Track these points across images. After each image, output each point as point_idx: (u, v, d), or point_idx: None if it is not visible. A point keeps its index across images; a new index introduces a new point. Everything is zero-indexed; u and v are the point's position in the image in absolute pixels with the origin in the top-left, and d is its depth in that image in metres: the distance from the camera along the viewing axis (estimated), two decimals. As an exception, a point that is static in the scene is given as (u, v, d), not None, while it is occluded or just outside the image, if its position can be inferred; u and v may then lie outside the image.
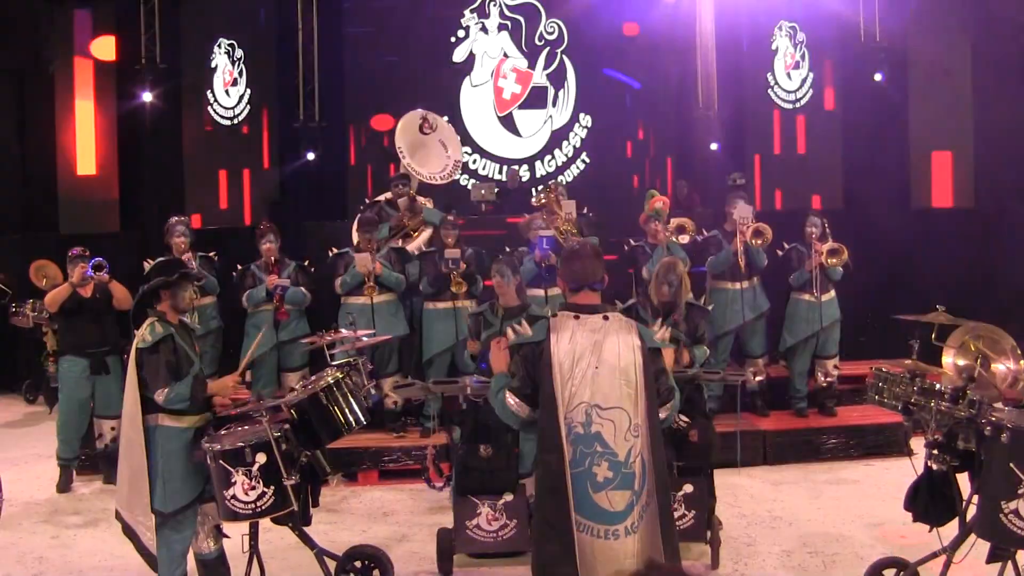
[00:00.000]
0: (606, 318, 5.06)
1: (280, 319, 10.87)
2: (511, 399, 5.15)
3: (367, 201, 12.40)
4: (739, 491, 9.62)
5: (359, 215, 11.59)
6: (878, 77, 18.72)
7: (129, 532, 6.58)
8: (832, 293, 11.23)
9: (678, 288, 8.41)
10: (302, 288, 10.92)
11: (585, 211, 11.90)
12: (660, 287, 8.42)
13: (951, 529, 6.38)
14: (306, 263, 11.19)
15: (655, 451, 4.95)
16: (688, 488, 7.39)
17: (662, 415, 5.13)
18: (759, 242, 11.12)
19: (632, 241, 11.29)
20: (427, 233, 11.47)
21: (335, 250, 10.97)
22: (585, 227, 11.40)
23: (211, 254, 11.42)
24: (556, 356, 4.95)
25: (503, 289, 8.48)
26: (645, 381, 4.95)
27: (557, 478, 4.89)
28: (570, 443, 4.88)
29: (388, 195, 11.99)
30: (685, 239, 11.23)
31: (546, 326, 5.06)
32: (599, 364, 4.92)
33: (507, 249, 11.13)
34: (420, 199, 11.83)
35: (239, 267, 11.06)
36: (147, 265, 10.44)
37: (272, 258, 10.93)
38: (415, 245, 11.40)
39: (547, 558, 4.94)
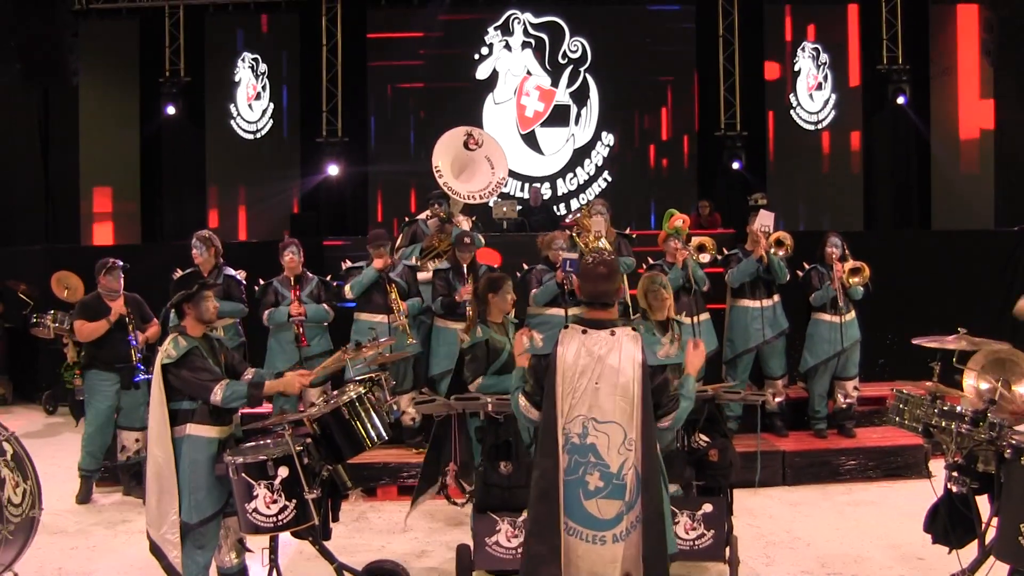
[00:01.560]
0: (613, 333, 5.22)
1: (301, 346, 10.82)
2: (523, 402, 5.46)
3: (406, 219, 12.34)
4: (758, 511, 9.61)
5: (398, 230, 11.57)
6: (900, 100, 18.76)
7: (156, 550, 6.60)
8: (853, 314, 11.21)
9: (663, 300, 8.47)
10: (324, 305, 10.89)
11: (628, 231, 11.81)
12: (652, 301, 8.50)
13: (970, 551, 6.38)
14: (328, 278, 11.16)
15: (649, 464, 5.14)
16: (707, 507, 7.38)
17: (664, 424, 5.36)
18: (781, 252, 11.11)
19: (651, 260, 11.28)
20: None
21: (348, 262, 10.94)
22: (624, 246, 11.33)
23: (238, 273, 11.20)
24: (560, 369, 5.18)
25: (500, 307, 8.39)
26: (643, 397, 5.13)
27: (550, 483, 5.16)
28: (566, 452, 5.16)
29: (427, 213, 11.90)
30: (706, 258, 11.22)
31: (555, 339, 5.27)
32: (599, 380, 5.13)
33: (525, 266, 11.13)
34: (459, 217, 11.75)
35: (261, 281, 11.03)
36: (176, 276, 10.50)
37: (294, 273, 10.92)
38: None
39: (534, 558, 5.18)
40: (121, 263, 10.43)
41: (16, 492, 6.79)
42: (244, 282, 11.12)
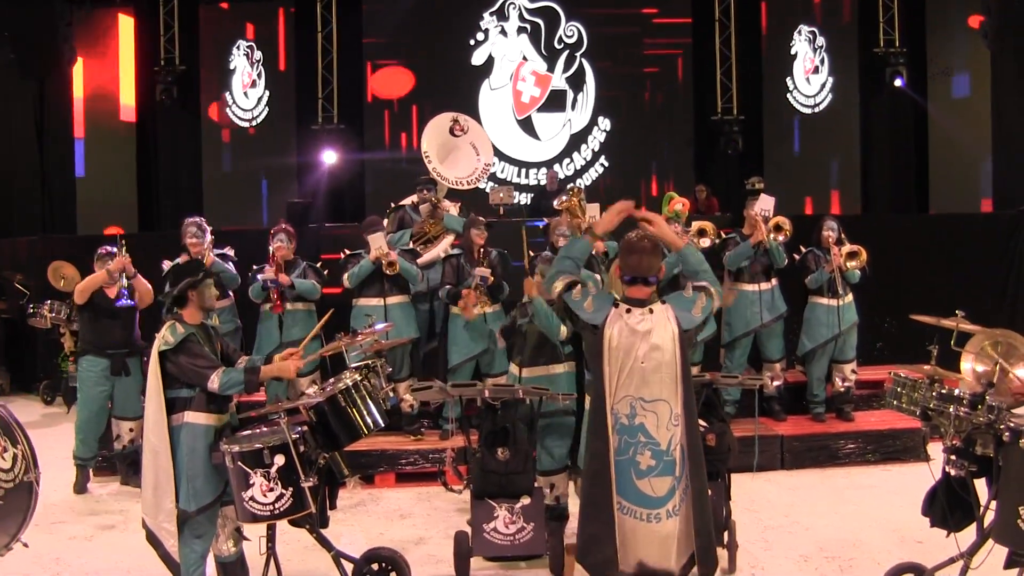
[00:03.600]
0: (651, 311, 5.30)
1: (274, 312, 10.81)
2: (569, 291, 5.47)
3: (392, 204, 12.30)
4: (756, 496, 9.61)
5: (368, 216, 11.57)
6: (898, 83, 18.73)
7: (152, 539, 6.58)
8: (850, 297, 11.20)
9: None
10: (312, 280, 10.90)
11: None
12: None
13: (969, 534, 6.37)
14: (319, 265, 11.17)
15: (692, 437, 5.28)
16: (706, 492, 7.38)
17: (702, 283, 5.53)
18: (780, 237, 11.09)
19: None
20: (448, 240, 11.36)
21: (348, 252, 10.92)
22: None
23: (226, 250, 11.40)
24: (607, 349, 5.28)
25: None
26: (683, 370, 5.25)
27: (602, 464, 5.28)
28: (615, 433, 5.26)
29: (414, 198, 11.87)
30: (706, 243, 11.19)
31: (605, 316, 5.32)
32: (644, 359, 5.20)
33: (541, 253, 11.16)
34: (446, 203, 11.73)
35: (254, 267, 11.05)
36: (166, 266, 10.48)
37: (284, 259, 10.88)
38: (433, 255, 11.26)
39: (588, 537, 5.30)
40: (107, 249, 10.41)
41: (4, 457, 6.73)
42: (233, 256, 11.23)
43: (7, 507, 6.55)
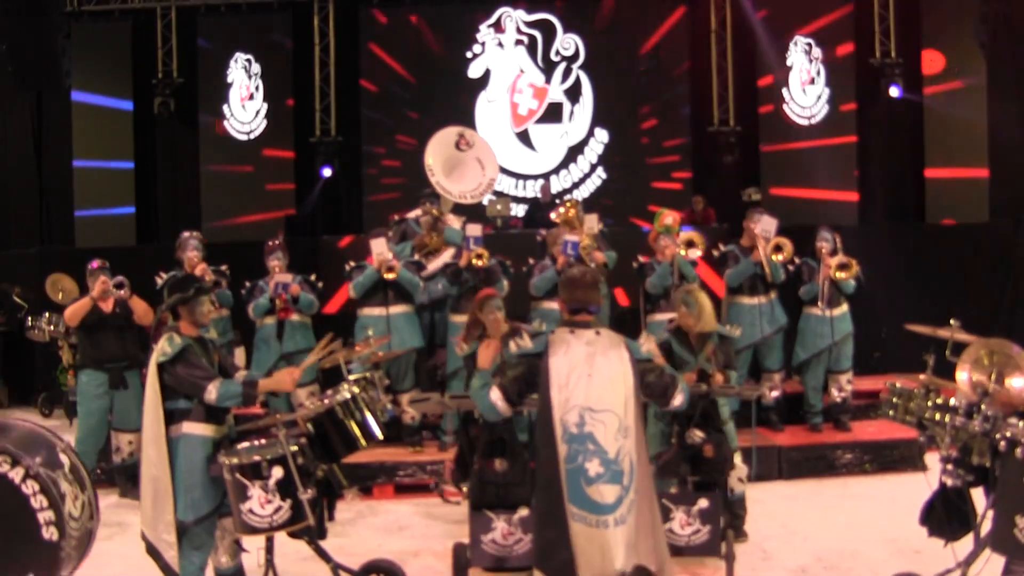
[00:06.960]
0: (598, 333, 5.65)
1: (282, 318, 10.86)
2: (496, 395, 5.73)
3: (395, 217, 12.32)
4: (754, 506, 9.56)
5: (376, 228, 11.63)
6: (894, 92, 18.73)
7: (152, 551, 6.59)
8: (844, 308, 11.21)
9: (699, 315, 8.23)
10: (311, 295, 10.94)
11: (603, 227, 11.79)
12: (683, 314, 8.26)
13: (966, 544, 6.39)
14: (312, 278, 11.21)
15: (641, 451, 5.52)
16: (703, 503, 7.37)
17: (676, 402, 5.89)
18: (780, 257, 11.10)
19: (642, 258, 11.26)
20: (449, 252, 11.39)
21: (353, 263, 10.95)
22: (603, 242, 11.32)
23: (223, 267, 11.42)
24: (554, 367, 5.56)
25: (489, 324, 8.05)
26: (635, 388, 5.52)
27: (552, 473, 5.48)
28: (564, 442, 5.47)
29: (418, 211, 11.90)
30: (696, 254, 11.20)
31: (545, 341, 5.69)
32: (592, 372, 5.49)
33: (531, 261, 11.17)
34: (449, 217, 11.76)
35: (247, 284, 11.09)
36: (159, 280, 10.51)
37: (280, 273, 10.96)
38: (435, 266, 11.30)
39: (545, 543, 5.52)
40: (99, 263, 10.44)
41: (76, 505, 6.71)
42: (228, 274, 11.27)
43: (69, 554, 6.59)
